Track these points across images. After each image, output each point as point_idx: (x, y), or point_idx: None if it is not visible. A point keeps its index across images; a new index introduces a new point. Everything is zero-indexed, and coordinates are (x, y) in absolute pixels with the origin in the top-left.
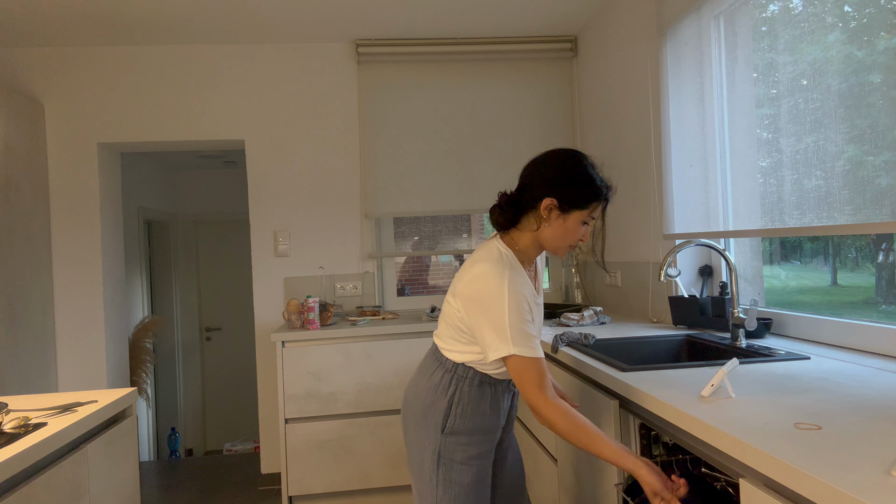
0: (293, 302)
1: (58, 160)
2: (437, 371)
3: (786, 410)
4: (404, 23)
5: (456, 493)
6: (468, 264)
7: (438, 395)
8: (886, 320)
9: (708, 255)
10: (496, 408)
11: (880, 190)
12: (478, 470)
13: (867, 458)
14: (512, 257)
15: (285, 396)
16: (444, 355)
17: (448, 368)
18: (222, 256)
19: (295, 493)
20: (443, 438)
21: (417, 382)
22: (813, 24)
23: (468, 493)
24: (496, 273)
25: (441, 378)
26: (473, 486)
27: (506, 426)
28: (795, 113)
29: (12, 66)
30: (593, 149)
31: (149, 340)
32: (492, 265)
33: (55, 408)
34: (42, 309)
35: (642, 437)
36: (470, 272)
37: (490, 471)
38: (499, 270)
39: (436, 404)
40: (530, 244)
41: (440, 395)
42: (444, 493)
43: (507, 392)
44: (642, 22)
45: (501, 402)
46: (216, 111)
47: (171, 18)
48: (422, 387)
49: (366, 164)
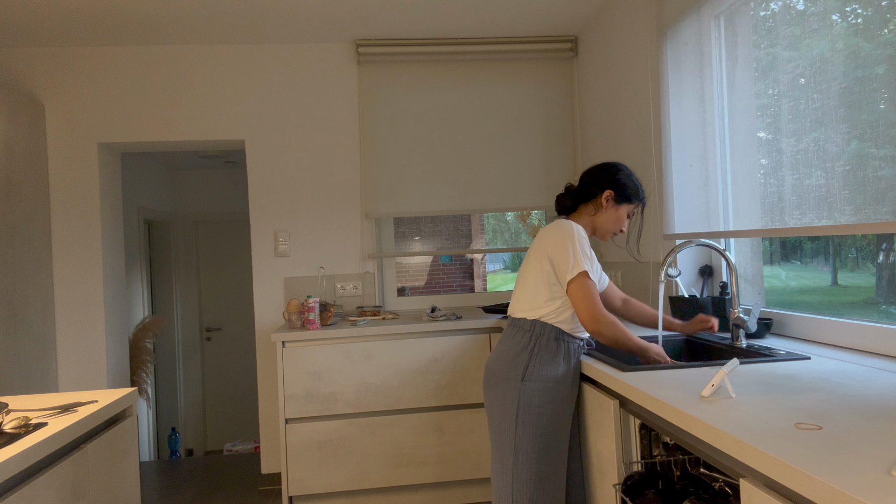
0: (293, 302)
1: (58, 160)
2: (517, 334)
3: (786, 410)
4: (404, 23)
5: (531, 434)
6: (547, 230)
7: (520, 351)
8: (887, 320)
9: (708, 255)
10: (569, 360)
11: (881, 189)
12: (552, 414)
13: (867, 458)
14: (578, 227)
15: (285, 396)
16: (523, 318)
17: (527, 329)
18: (222, 256)
19: (295, 493)
20: (522, 386)
21: (499, 350)
22: (814, 22)
23: (543, 433)
24: (569, 224)
25: (521, 338)
26: (548, 427)
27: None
28: (796, 112)
29: (13, 66)
30: (593, 149)
31: (149, 340)
32: (566, 223)
33: (55, 408)
34: (42, 309)
35: (643, 437)
36: (553, 230)
37: (569, 421)
38: (570, 224)
39: (517, 358)
40: (586, 227)
41: (521, 351)
42: (522, 433)
43: (580, 349)
44: (643, 22)
45: (573, 358)
46: (216, 111)
47: (171, 18)
48: (504, 350)
49: (366, 163)
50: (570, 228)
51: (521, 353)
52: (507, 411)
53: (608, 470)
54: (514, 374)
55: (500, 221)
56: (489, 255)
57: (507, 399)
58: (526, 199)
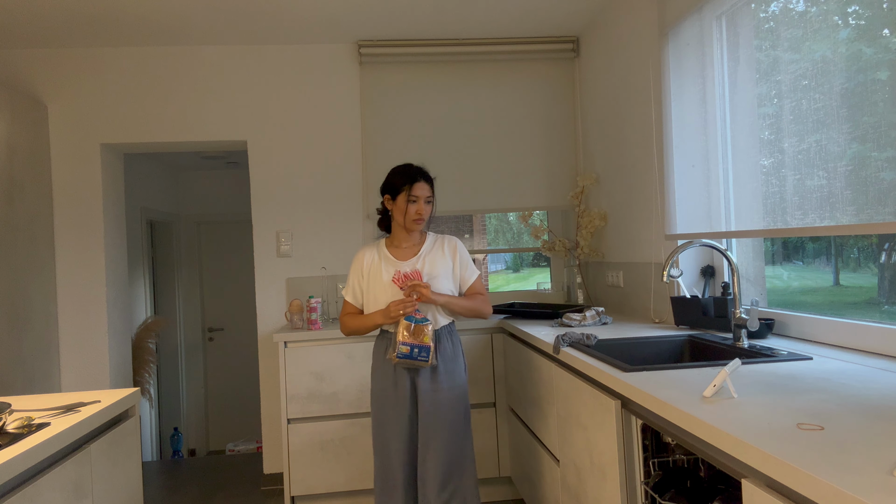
0: (295, 302)
1: (61, 161)
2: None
3: (788, 411)
4: (406, 24)
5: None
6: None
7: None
8: (889, 321)
9: (710, 256)
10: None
11: (883, 189)
12: (372, 404)
13: (869, 458)
14: (358, 253)
15: (287, 396)
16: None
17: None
18: (225, 257)
19: (297, 493)
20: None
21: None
22: (816, 23)
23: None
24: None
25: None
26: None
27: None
28: (798, 113)
29: (16, 68)
30: (595, 149)
31: (152, 341)
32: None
33: (58, 408)
34: (45, 309)
35: (644, 437)
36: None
37: (388, 415)
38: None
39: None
40: (398, 230)
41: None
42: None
43: (380, 349)
44: (644, 22)
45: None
46: (219, 112)
47: (174, 20)
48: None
49: (368, 164)
50: (353, 258)
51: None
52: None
53: (610, 470)
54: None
55: (502, 222)
56: (491, 255)
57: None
58: (528, 200)
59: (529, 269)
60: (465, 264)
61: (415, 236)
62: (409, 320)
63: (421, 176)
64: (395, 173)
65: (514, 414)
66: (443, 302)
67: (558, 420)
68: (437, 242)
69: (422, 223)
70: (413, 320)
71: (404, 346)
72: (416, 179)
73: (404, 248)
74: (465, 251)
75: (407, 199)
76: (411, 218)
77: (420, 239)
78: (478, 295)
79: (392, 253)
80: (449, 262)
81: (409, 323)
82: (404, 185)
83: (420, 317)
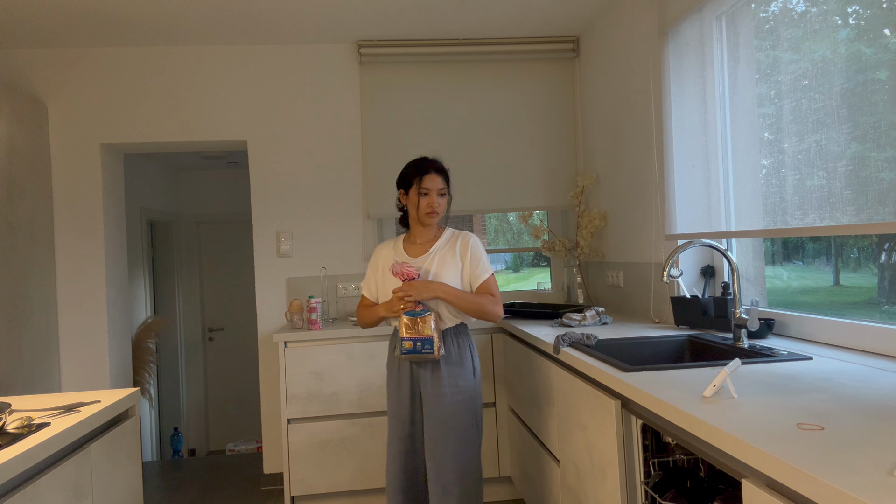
0: (295, 302)
1: (61, 161)
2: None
3: (788, 411)
4: (406, 24)
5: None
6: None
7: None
8: (889, 321)
9: (710, 256)
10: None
11: (883, 189)
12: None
13: (869, 458)
14: (377, 250)
15: (287, 396)
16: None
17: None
18: (225, 257)
19: (297, 493)
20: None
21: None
22: (816, 23)
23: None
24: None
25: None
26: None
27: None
28: (798, 113)
29: (16, 67)
30: (595, 149)
31: (152, 341)
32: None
33: (58, 408)
34: (45, 309)
35: (644, 437)
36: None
37: (398, 414)
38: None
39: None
40: (414, 224)
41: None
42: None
43: (392, 348)
44: (644, 22)
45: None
46: (219, 112)
47: (174, 20)
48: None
49: (368, 164)
50: (373, 252)
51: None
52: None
53: (610, 470)
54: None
55: (502, 222)
56: (491, 255)
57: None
58: (528, 200)
59: (529, 269)
60: (476, 261)
61: (431, 231)
62: (408, 315)
63: (432, 168)
64: (407, 166)
65: (515, 414)
66: (441, 292)
67: (558, 420)
68: (451, 239)
69: (435, 216)
70: (412, 314)
71: (407, 342)
72: (426, 171)
73: (418, 245)
74: (479, 248)
75: (418, 192)
76: (424, 211)
77: (436, 235)
78: (486, 294)
79: (406, 249)
80: (458, 261)
81: (408, 318)
82: (415, 177)
83: (419, 310)
